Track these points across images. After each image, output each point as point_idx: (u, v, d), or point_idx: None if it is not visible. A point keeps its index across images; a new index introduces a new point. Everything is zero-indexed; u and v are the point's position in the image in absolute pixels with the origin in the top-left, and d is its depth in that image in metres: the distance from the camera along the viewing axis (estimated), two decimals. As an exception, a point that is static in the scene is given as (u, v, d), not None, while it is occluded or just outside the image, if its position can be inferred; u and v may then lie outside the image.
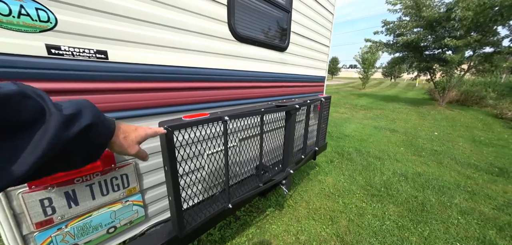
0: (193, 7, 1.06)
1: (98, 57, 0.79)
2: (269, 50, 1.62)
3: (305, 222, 2.09)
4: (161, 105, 1.03)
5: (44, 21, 0.66)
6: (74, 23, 0.72)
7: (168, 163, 0.85)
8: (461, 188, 2.72)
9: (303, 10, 1.87)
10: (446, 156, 3.83)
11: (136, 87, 0.92)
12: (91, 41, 0.77)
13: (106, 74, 0.82)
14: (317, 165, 3.29)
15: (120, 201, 1.01)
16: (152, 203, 1.16)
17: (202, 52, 1.15)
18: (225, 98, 1.35)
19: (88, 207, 0.90)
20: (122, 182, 0.99)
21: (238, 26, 1.31)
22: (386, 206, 2.31)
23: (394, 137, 4.96)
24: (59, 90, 0.73)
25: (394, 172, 3.09)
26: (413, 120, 6.92)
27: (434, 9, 8.47)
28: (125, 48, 0.86)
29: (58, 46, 0.70)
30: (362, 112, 8.12)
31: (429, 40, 9.43)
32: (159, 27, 0.95)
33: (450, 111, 8.87)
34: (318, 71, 2.41)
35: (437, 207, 2.29)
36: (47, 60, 0.69)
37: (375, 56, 17.43)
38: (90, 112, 0.42)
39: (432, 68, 10.17)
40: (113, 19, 0.81)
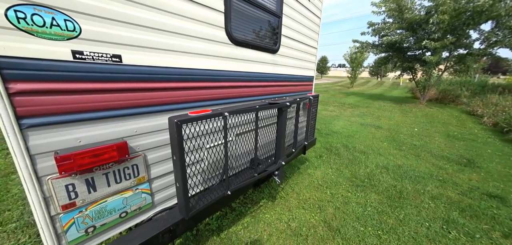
0: (195, 15, 1.19)
1: (114, 61, 0.90)
2: (262, 52, 1.77)
3: (296, 211, 2.28)
4: (168, 103, 1.15)
5: (71, 30, 0.77)
6: (94, 31, 0.83)
7: (177, 153, 0.98)
8: (434, 177, 3.04)
9: (293, 15, 2.05)
10: (424, 150, 4.19)
11: (146, 87, 1.04)
12: (108, 47, 0.88)
13: (121, 75, 0.94)
14: (307, 160, 3.50)
15: (131, 189, 1.13)
16: (158, 192, 1.28)
17: (203, 55, 1.29)
18: (223, 97, 1.49)
19: (104, 193, 1.01)
20: (133, 172, 1.11)
21: (234, 31, 1.46)
22: (368, 195, 2.55)
23: (378, 133, 5.31)
24: (81, 90, 0.84)
25: (377, 165, 3.36)
26: (396, 117, 7.38)
27: (415, 12, 9.04)
28: (136, 52, 0.98)
29: (81, 51, 0.81)
30: (349, 110, 8.51)
31: (411, 42, 10.05)
32: (166, 33, 1.07)
33: (429, 108, 9.50)
34: (307, 71, 2.60)
35: (412, 194, 2.57)
36: (72, 63, 0.80)
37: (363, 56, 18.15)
38: None
39: (414, 68, 10.83)
40: (126, 27, 0.92)
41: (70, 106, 0.82)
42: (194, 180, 1.33)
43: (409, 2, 9.02)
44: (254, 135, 1.48)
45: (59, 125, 0.81)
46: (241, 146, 1.65)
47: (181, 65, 1.17)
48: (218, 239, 1.87)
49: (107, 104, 0.92)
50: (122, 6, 0.89)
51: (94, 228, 1.02)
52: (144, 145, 1.12)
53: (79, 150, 0.84)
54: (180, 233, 1.30)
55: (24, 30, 0.69)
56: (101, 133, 0.94)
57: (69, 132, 0.84)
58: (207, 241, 1.83)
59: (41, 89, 0.75)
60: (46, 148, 0.78)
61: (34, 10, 0.69)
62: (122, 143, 0.98)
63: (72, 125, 0.85)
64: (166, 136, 1.20)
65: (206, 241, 1.83)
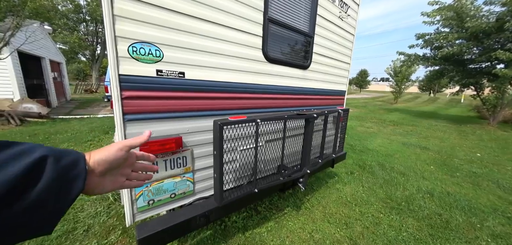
0: (238, 40, 1.47)
1: (179, 76, 1.23)
2: (294, 68, 1.94)
3: (320, 223, 2.27)
4: (213, 109, 1.44)
5: (158, 56, 1.12)
6: (170, 56, 1.17)
7: (217, 149, 1.22)
8: (499, 212, 2.54)
9: (324, 34, 2.17)
10: (487, 179, 3.52)
11: (199, 96, 1.34)
12: (177, 66, 1.21)
13: (183, 86, 1.25)
14: (336, 175, 3.40)
15: (179, 176, 1.42)
16: (199, 182, 1.56)
17: (242, 71, 1.55)
18: (257, 106, 1.71)
19: (163, 175, 1.32)
20: (183, 161, 1.41)
21: (270, 51, 1.68)
22: (404, 219, 2.33)
23: (424, 154, 4.69)
24: (158, 97, 1.18)
25: (418, 189, 3.02)
26: (451, 139, 6.34)
27: (481, 20, 7.74)
28: (195, 70, 1.29)
29: (161, 70, 1.15)
30: (390, 127, 7.71)
31: (475, 53, 8.57)
32: (215, 55, 1.37)
33: (502, 132, 7.78)
34: (338, 85, 2.63)
35: (464, 227, 2.23)
36: (155, 78, 1.14)
37: (410, 69, 16.22)
38: None
39: (479, 83, 9.12)
40: (189, 52, 1.25)
41: (150, 108, 1.16)
42: (228, 177, 1.55)
43: (473, 8, 7.81)
44: (282, 143, 1.63)
45: (142, 120, 1.15)
46: (270, 152, 1.82)
47: (226, 79, 1.45)
48: (243, 237, 2.03)
49: (172, 108, 1.24)
50: (188, 36, 1.22)
51: (153, 201, 1.33)
52: (192, 142, 1.41)
53: (152, 139, 1.17)
54: (213, 219, 1.53)
55: (134, 58, 1.05)
56: (166, 129, 1.26)
57: (147, 126, 1.18)
58: (233, 237, 2.02)
59: (136, 96, 1.10)
60: (135, 135, 1.13)
61: (141, 45, 1.06)
62: (178, 138, 1.28)
63: (149, 121, 1.18)
64: (209, 136, 1.47)
65: (232, 237, 2.02)
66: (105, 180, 0.42)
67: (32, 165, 0.29)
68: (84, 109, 9.47)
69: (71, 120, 7.01)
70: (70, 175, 0.34)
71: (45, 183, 0.30)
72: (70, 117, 7.38)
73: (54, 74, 10.56)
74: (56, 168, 0.32)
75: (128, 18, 1.01)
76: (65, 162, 0.34)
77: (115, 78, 1.01)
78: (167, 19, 1.13)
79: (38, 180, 0.30)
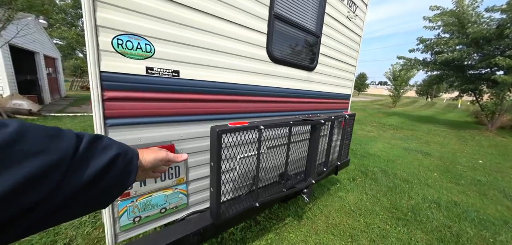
0: (241, 36, 1.31)
1: (173, 75, 1.07)
2: (299, 70, 1.80)
3: (324, 235, 2.12)
4: (211, 112, 1.28)
5: (148, 52, 0.96)
6: (163, 51, 1.01)
7: (215, 160, 1.07)
8: (510, 225, 2.43)
9: (332, 34, 2.03)
10: (493, 187, 3.42)
11: (195, 98, 1.18)
12: (170, 64, 1.05)
13: (177, 87, 1.09)
14: (338, 181, 3.26)
15: (171, 188, 1.26)
16: (193, 194, 1.39)
17: (244, 71, 1.39)
18: (260, 110, 1.56)
19: (151, 188, 1.16)
20: (175, 172, 1.24)
21: (274, 50, 1.53)
22: (412, 231, 2.20)
23: (426, 160, 4.59)
24: (150, 99, 1.01)
25: (424, 198, 2.90)
26: (451, 145, 6.27)
27: (482, 26, 7.72)
28: (191, 68, 1.13)
29: (152, 67, 0.99)
30: (390, 132, 7.64)
31: (475, 59, 8.56)
32: (215, 53, 1.21)
33: (501, 138, 7.77)
34: (344, 89, 2.49)
35: (476, 242, 2.10)
36: (145, 77, 0.98)
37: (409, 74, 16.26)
38: None
39: (478, 89, 9.12)
40: (185, 47, 1.09)
41: (138, 111, 1.00)
42: (226, 187, 1.40)
43: (474, 14, 7.79)
44: (286, 150, 1.48)
45: (128, 126, 0.99)
46: (272, 159, 1.66)
47: (226, 80, 1.29)
48: (241, 250, 1.88)
49: (164, 111, 1.08)
50: (183, 30, 1.06)
51: (139, 218, 1.17)
52: (186, 149, 1.25)
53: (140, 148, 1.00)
54: (208, 237, 1.37)
55: (120, 52, 0.89)
56: (156, 135, 1.10)
57: (134, 132, 1.02)
58: (231, 250, 1.86)
59: (121, 97, 0.94)
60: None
61: (128, 37, 0.90)
62: (170, 146, 1.12)
63: (136, 126, 1.02)
64: (205, 143, 1.31)
65: (230, 249, 1.87)
66: (142, 173, 0.51)
67: (110, 159, 0.38)
68: (78, 106, 9.20)
69: (63, 117, 6.75)
70: (127, 169, 0.42)
71: (115, 173, 0.39)
72: (62, 115, 7.13)
73: (49, 70, 10.25)
74: (123, 163, 0.41)
75: (112, 5, 0.85)
76: (127, 159, 0.42)
77: (95, 75, 0.85)
78: (160, 9, 0.97)
79: (111, 170, 0.38)
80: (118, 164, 0.39)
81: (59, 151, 0.30)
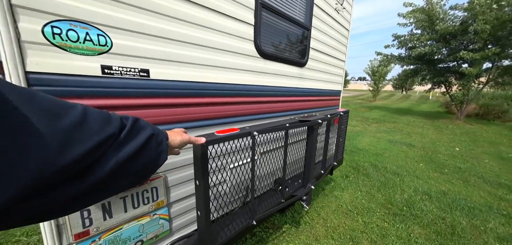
0: (224, 28, 1.12)
1: (142, 75, 0.84)
2: (290, 65, 1.64)
3: (324, 241, 2.00)
4: (193, 119, 1.06)
5: (102, 45, 0.72)
6: (124, 45, 0.78)
7: (200, 178, 0.86)
8: (494, 210, 2.52)
9: (322, 27, 1.91)
10: (472, 174, 3.59)
11: (172, 103, 0.96)
12: (136, 61, 0.82)
13: (147, 90, 0.86)
14: (333, 180, 3.19)
15: (148, 214, 1.02)
16: (177, 217, 1.16)
17: (230, 68, 1.19)
18: (250, 113, 1.37)
19: (120, 220, 0.91)
20: (152, 195, 1.01)
21: (263, 44, 1.36)
22: (410, 227, 2.17)
23: (411, 152, 4.75)
24: (108, 106, 0.77)
25: (415, 190, 2.93)
26: (430, 135, 6.64)
27: (448, 23, 8.36)
28: (165, 67, 0.91)
29: (110, 66, 0.75)
30: (375, 125, 7.91)
31: (443, 53, 9.24)
32: (194, 47, 1.00)
33: (470, 125, 8.44)
34: (335, 85, 2.41)
35: (470, 232, 2.12)
36: (100, 79, 0.74)
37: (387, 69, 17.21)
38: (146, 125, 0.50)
39: (448, 81, 9.87)
40: (156, 41, 0.86)
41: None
42: (216, 204, 1.19)
43: (441, 12, 8.40)
44: (282, 155, 1.31)
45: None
46: (267, 165, 1.49)
47: (209, 79, 1.09)
48: (237, 269, 1.67)
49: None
50: (154, 19, 0.84)
51: (108, 258, 0.92)
52: (165, 165, 1.02)
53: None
54: (198, 266, 1.15)
55: (58, 45, 0.64)
56: (122, 153, 0.86)
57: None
58: (225, 270, 1.65)
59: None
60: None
61: (70, 25, 0.65)
62: (142, 165, 0.89)
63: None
64: (188, 156, 1.09)
65: (224, 270, 1.65)
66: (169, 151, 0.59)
67: (147, 138, 0.46)
68: None
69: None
70: (159, 149, 0.50)
71: (149, 151, 0.47)
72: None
73: None
74: (156, 141, 0.49)
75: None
76: (159, 139, 0.51)
77: (17, 78, 0.59)
78: (117, -10, 0.74)
79: (147, 148, 0.46)
80: (152, 142, 0.47)
81: (109, 131, 0.38)
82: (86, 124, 0.34)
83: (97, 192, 0.38)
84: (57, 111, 0.31)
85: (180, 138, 0.63)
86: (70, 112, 0.33)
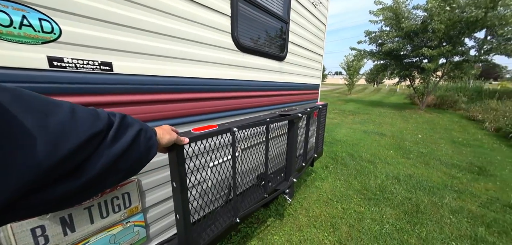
0: (200, 18, 1.05)
1: (103, 69, 0.74)
2: (270, 59, 1.63)
3: (307, 230, 2.07)
4: (166, 117, 0.98)
5: (47, 32, 0.61)
6: (78, 33, 0.67)
7: (177, 179, 0.80)
8: (449, 187, 2.87)
9: (300, 21, 1.93)
10: (432, 157, 4.04)
11: (142, 100, 0.87)
12: (94, 53, 0.72)
13: (111, 86, 0.77)
14: (313, 171, 3.31)
15: (120, 223, 0.93)
16: (155, 222, 1.09)
17: (207, 62, 1.13)
18: (229, 108, 1.32)
19: (85, 233, 0.81)
20: (124, 202, 0.92)
21: (241, 37, 1.31)
22: (383, 209, 2.36)
23: (383, 140, 5.17)
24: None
25: (387, 175, 3.19)
26: (398, 124, 7.29)
27: (412, 21, 9.18)
28: (132, 59, 0.81)
29: (61, 58, 0.64)
30: (350, 117, 8.42)
31: (408, 49, 10.16)
32: (165, 38, 0.92)
33: (429, 114, 9.48)
34: (313, 79, 2.47)
35: (430, 208, 2.39)
36: (48, 73, 0.63)
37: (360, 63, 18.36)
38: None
39: (412, 75, 10.91)
40: (119, 30, 0.77)
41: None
42: (196, 205, 1.14)
43: (406, 11, 9.18)
44: (264, 151, 1.30)
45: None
46: (248, 161, 1.47)
47: (183, 73, 1.01)
48: (222, 268, 1.65)
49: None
50: (116, 6, 0.74)
51: (73, 275, 0.81)
52: (137, 169, 0.94)
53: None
54: (179, 271, 1.09)
55: None
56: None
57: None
58: (209, 270, 1.61)
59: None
60: None
61: None
62: (109, 169, 0.80)
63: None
64: (163, 157, 1.02)
65: (208, 270, 1.61)
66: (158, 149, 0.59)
67: (136, 134, 0.46)
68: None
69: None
70: (149, 144, 0.51)
71: (140, 146, 0.47)
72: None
73: None
74: (145, 137, 0.49)
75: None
76: (149, 134, 0.51)
77: None
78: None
79: (136, 143, 0.46)
80: (141, 138, 0.48)
81: (98, 127, 0.38)
82: (75, 121, 0.34)
83: (91, 189, 0.39)
84: (45, 110, 0.31)
85: (169, 137, 0.63)
86: (57, 110, 0.33)
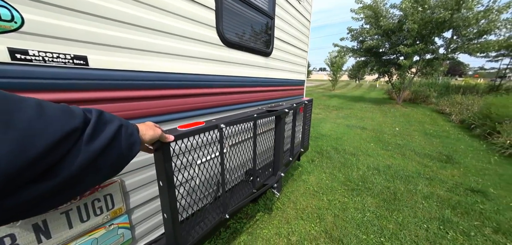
0: (182, 11, 1.01)
1: (76, 63, 0.69)
2: (256, 55, 1.63)
3: (295, 222, 2.14)
4: (149, 114, 0.94)
5: (7, 21, 0.55)
6: (45, 23, 0.61)
7: (164, 178, 0.78)
8: (422, 175, 3.13)
9: (285, 17, 1.95)
10: (407, 148, 4.36)
11: (122, 96, 0.83)
12: (68, 45, 0.67)
13: (86, 82, 0.72)
14: (300, 166, 3.41)
15: (103, 226, 0.89)
16: (140, 223, 1.05)
17: (192, 57, 1.10)
18: (216, 105, 1.31)
19: (63, 239, 0.76)
20: (106, 204, 0.87)
21: (226, 31, 1.30)
22: (365, 198, 2.51)
23: (364, 134, 5.46)
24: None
25: (368, 167, 3.39)
26: (378, 118, 7.74)
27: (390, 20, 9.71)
28: (109, 53, 0.77)
29: (25, 50, 0.58)
30: (334, 112, 8.75)
31: (386, 47, 10.76)
32: (146, 31, 0.88)
33: (405, 108, 10.17)
34: (299, 75, 2.52)
35: (406, 195, 2.59)
36: (11, 66, 0.57)
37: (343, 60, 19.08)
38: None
39: (390, 71, 11.59)
40: (95, 21, 0.72)
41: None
42: (184, 203, 1.12)
43: (384, 10, 9.67)
44: (252, 147, 1.31)
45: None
46: (236, 158, 1.47)
47: (166, 69, 0.98)
48: (212, 265, 1.64)
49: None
50: (85, -7, 0.69)
51: (50, 284, 0.76)
52: (119, 169, 0.89)
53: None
54: (168, 271, 1.07)
55: None
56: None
57: None
58: (199, 268, 1.60)
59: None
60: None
61: None
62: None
63: None
64: (148, 155, 0.98)
65: (198, 269, 1.60)
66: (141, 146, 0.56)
67: (115, 130, 0.44)
68: None
69: None
70: (131, 140, 0.49)
71: (121, 143, 0.45)
72: None
73: None
74: (126, 133, 0.47)
75: None
76: (130, 130, 0.49)
77: None
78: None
79: (117, 140, 0.44)
80: (121, 134, 0.45)
81: (72, 125, 0.36)
82: (44, 119, 0.32)
83: (69, 189, 0.37)
84: (6, 107, 0.29)
85: (152, 133, 0.60)
86: (22, 106, 0.31)
